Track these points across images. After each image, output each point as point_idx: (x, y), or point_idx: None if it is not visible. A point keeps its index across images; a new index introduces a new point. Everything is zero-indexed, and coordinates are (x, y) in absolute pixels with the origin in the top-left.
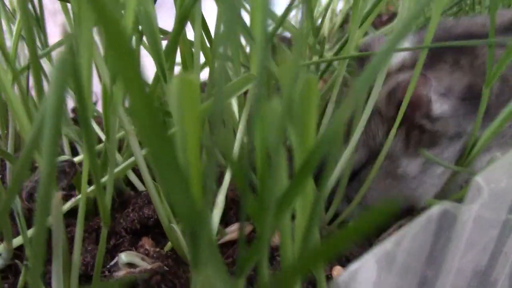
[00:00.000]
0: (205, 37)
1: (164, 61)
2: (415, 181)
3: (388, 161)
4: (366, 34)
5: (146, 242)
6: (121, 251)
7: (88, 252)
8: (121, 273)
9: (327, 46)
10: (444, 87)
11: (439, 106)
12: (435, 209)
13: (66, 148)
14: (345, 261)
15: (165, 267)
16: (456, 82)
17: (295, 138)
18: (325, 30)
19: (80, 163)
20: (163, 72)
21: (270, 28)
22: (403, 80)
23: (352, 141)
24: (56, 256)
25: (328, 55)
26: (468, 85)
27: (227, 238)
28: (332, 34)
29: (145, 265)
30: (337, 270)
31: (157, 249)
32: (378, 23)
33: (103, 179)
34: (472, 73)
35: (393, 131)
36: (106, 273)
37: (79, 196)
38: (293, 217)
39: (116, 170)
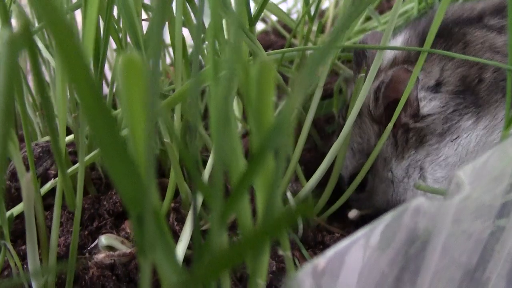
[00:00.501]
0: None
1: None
2: (401, 185)
3: (382, 165)
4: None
5: (128, 226)
6: (103, 234)
7: (70, 234)
8: (100, 255)
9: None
10: (434, 79)
11: (427, 103)
12: (411, 204)
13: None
14: None
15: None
16: (448, 73)
17: (252, 120)
18: (330, 15)
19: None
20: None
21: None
22: (388, 76)
23: (342, 134)
24: (29, 237)
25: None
26: (461, 77)
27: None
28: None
29: (124, 248)
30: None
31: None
32: (386, 8)
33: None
34: (463, 62)
35: (386, 132)
36: (87, 255)
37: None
38: None
39: (91, 155)
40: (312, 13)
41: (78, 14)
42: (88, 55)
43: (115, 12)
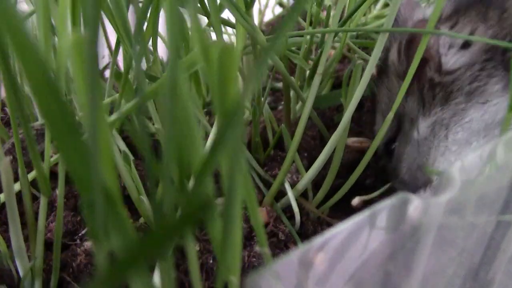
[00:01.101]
0: None
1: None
2: (426, 143)
3: (409, 125)
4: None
5: None
6: None
7: (63, 219)
8: (89, 243)
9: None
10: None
11: (453, 58)
12: (393, 200)
13: None
14: None
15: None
16: (480, 33)
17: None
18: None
19: None
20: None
21: None
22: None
23: (341, 123)
24: (12, 224)
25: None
26: (492, 36)
27: None
28: None
29: None
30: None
31: (131, 221)
32: None
33: None
34: (499, 25)
35: (404, 86)
36: (78, 241)
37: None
38: None
39: None
40: None
41: None
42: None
43: None
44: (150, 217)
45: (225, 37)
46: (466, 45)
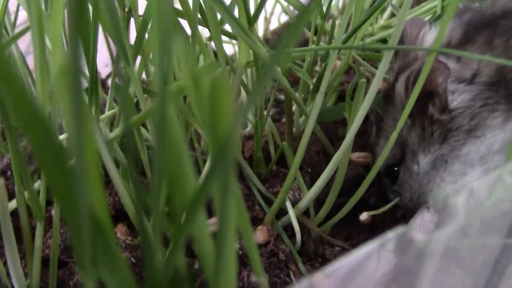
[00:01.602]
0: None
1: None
2: (426, 177)
3: (411, 157)
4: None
5: (120, 230)
6: None
7: (61, 236)
8: None
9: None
10: (471, 71)
11: (457, 97)
12: (396, 234)
13: None
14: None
15: (132, 258)
16: (485, 63)
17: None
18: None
19: None
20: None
21: None
22: (419, 65)
23: (346, 140)
24: (7, 241)
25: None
26: (498, 67)
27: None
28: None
29: None
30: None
31: (129, 238)
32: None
33: None
34: (504, 54)
35: (403, 118)
36: (75, 259)
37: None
38: None
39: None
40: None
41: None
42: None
43: None
44: None
45: (229, 47)
46: (473, 78)
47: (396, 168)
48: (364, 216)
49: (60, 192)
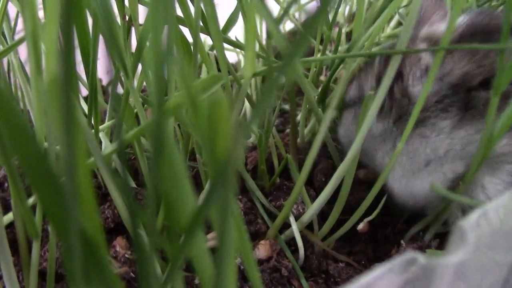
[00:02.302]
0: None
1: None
2: (376, 141)
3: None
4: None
5: (119, 243)
6: None
7: (59, 249)
8: None
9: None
10: (444, 69)
11: (419, 84)
12: (400, 261)
13: None
14: (331, 282)
15: (131, 273)
16: (461, 65)
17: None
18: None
19: None
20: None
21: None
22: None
23: (349, 154)
24: (2, 257)
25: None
26: (465, 72)
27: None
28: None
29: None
30: None
31: (128, 252)
32: None
33: None
34: (479, 62)
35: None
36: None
37: None
38: None
39: None
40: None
41: None
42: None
43: None
44: None
45: (233, 54)
46: (442, 76)
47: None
48: (361, 225)
49: (49, 208)
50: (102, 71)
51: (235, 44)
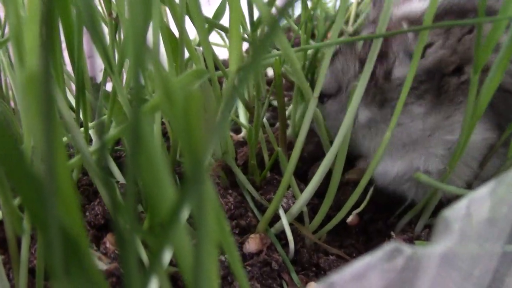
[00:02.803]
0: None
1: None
2: (362, 130)
3: (347, 100)
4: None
5: (109, 240)
6: None
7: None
8: None
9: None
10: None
11: (403, 68)
12: (385, 252)
13: None
14: (322, 275)
15: (121, 269)
16: (433, 50)
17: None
18: (352, 13)
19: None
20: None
21: None
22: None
23: (338, 138)
24: None
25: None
26: (440, 59)
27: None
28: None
29: (101, 265)
30: (311, 286)
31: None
32: None
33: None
34: (453, 48)
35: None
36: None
37: None
38: None
39: None
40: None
41: None
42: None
43: None
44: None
45: (224, 52)
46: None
47: (326, 98)
48: (350, 218)
49: (28, 204)
50: (96, 69)
51: (220, 27)
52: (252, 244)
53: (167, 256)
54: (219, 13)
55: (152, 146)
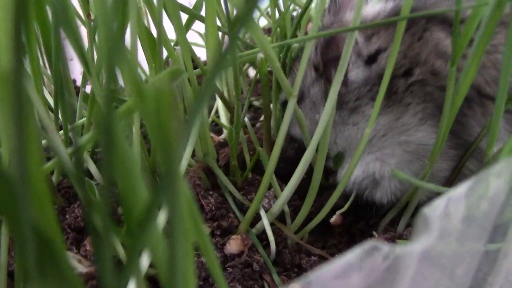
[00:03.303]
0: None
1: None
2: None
3: (311, 105)
4: None
5: (89, 242)
6: None
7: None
8: None
9: None
10: (371, 51)
11: (356, 71)
12: (363, 249)
13: None
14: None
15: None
16: (386, 54)
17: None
18: None
19: None
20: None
21: None
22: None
23: (317, 133)
24: None
25: None
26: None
27: None
28: None
29: (81, 268)
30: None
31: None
32: None
33: None
34: (404, 53)
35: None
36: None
37: None
38: None
39: None
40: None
41: None
42: None
43: None
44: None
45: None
46: (370, 61)
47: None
48: (334, 218)
49: (2, 206)
50: (77, 72)
51: (197, 16)
52: (233, 245)
53: (146, 258)
54: (196, 7)
55: (125, 147)
